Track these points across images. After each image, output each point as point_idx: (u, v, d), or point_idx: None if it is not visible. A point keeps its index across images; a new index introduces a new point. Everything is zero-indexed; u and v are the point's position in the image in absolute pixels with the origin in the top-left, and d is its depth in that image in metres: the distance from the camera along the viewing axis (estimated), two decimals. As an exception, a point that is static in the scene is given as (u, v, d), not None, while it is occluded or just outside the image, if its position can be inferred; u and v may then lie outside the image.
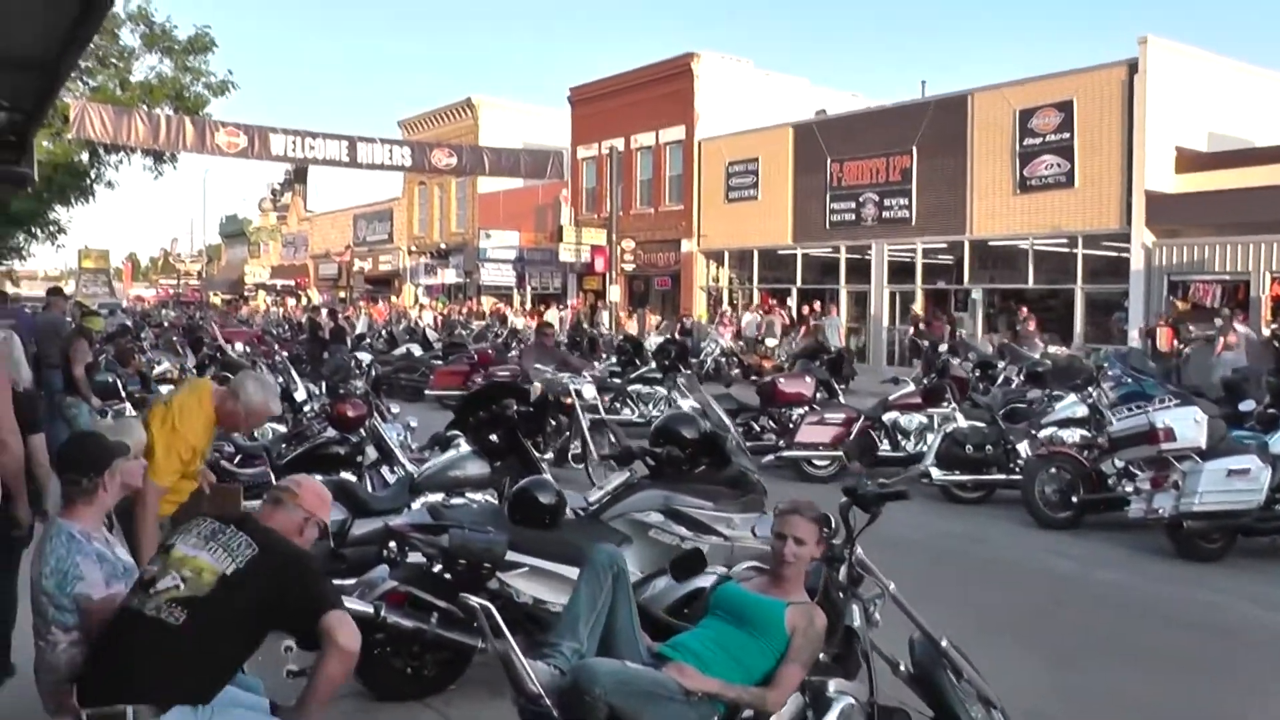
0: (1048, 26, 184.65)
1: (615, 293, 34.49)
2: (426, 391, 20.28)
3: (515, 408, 7.71)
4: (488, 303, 42.97)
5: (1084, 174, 25.23)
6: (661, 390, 16.50)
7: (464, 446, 7.61)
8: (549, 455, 7.85)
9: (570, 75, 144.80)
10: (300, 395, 11.71)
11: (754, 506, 6.08)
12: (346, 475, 8.21)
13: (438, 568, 5.27)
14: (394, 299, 49.27)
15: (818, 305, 30.90)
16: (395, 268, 53.84)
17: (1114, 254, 25.51)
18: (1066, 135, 25.49)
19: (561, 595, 5.22)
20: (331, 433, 8.48)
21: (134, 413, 11.54)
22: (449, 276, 48.68)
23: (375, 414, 8.82)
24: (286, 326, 34.76)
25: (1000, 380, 16.80)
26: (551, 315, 34.54)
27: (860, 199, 30.42)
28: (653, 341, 24.37)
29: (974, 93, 27.86)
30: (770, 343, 27.91)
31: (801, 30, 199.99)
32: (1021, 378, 16.28)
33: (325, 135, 30.43)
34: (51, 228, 31.42)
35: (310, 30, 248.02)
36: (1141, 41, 24.23)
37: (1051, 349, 21.14)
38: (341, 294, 55.66)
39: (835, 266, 32.10)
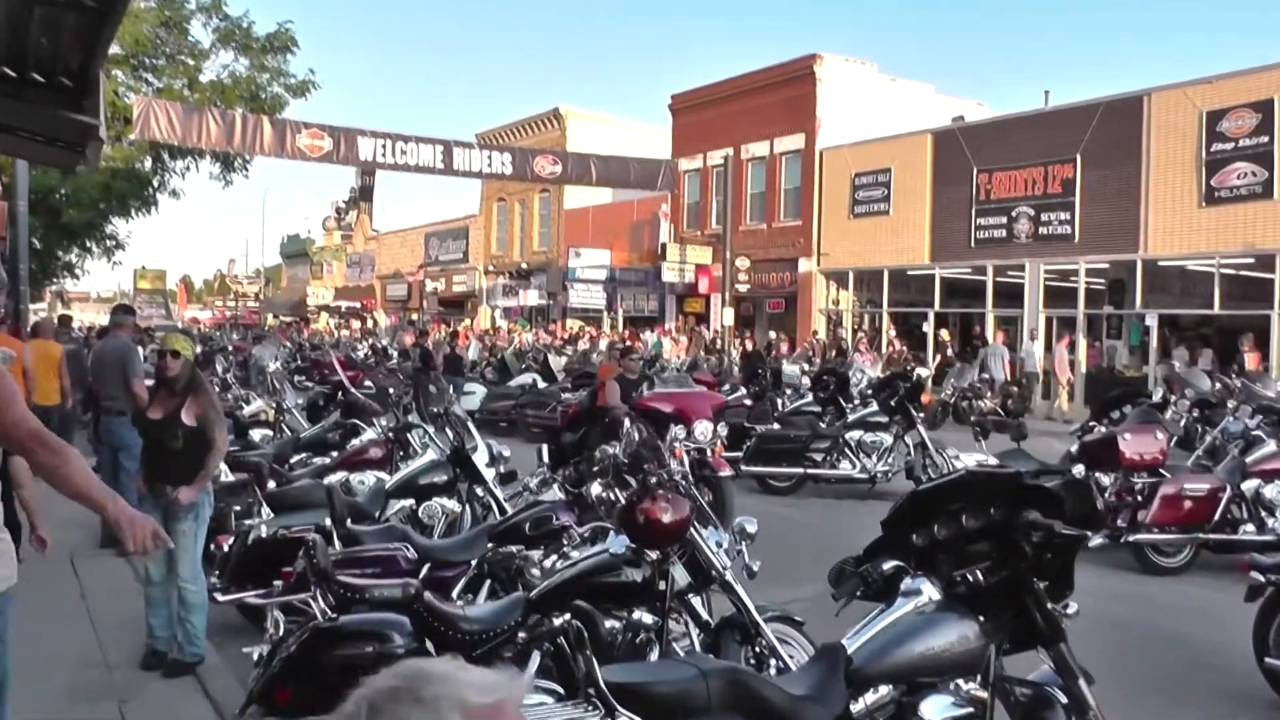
0: (1231, 20, 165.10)
1: (729, 316, 31.30)
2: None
3: (1034, 530, 3.77)
4: (573, 325, 39.90)
5: (1286, 183, 22.18)
6: (887, 438, 13.24)
7: (927, 592, 3.85)
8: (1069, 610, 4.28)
9: (658, 90, 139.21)
10: (482, 458, 8.53)
11: None
12: (645, 617, 5.09)
13: None
14: (467, 321, 46.49)
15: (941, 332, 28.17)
16: (470, 288, 51.03)
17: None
18: (1265, 139, 22.53)
19: None
20: (616, 545, 5.13)
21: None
22: (530, 298, 45.80)
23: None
24: (390, 353, 31.26)
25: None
26: (669, 343, 31.32)
27: (1013, 213, 27.30)
28: (789, 371, 21.47)
29: (1152, 93, 24.77)
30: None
31: (912, 34, 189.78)
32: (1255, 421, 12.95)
33: (419, 139, 27.56)
34: (109, 242, 28.54)
35: (383, 39, 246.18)
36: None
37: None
38: (413, 316, 53.03)
39: (980, 289, 28.83)
